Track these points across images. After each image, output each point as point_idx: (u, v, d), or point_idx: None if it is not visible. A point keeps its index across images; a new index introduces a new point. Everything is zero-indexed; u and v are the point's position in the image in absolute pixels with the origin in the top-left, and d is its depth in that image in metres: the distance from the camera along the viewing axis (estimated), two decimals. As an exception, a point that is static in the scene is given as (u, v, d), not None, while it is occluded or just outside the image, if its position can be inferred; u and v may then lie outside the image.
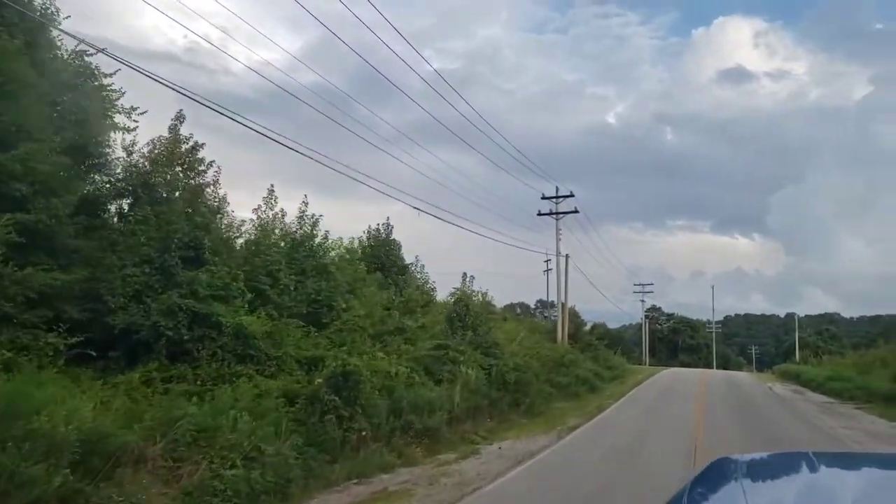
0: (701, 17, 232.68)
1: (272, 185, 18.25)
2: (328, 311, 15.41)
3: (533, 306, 75.63)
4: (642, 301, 75.03)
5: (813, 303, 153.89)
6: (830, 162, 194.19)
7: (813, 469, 2.19)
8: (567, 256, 37.09)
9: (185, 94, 11.78)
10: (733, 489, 1.99)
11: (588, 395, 25.43)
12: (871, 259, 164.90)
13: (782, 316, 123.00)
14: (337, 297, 15.62)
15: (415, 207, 19.13)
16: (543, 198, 36.62)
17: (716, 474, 2.21)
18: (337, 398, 11.63)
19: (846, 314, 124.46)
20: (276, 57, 57.84)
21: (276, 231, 16.48)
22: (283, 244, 16.13)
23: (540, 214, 36.87)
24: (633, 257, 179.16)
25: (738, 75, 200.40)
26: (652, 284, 77.13)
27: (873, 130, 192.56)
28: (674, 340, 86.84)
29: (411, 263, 29.74)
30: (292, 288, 15.27)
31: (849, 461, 2.74)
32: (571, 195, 36.51)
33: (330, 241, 18.09)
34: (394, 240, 28.64)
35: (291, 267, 15.77)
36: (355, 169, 19.22)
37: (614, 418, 19.19)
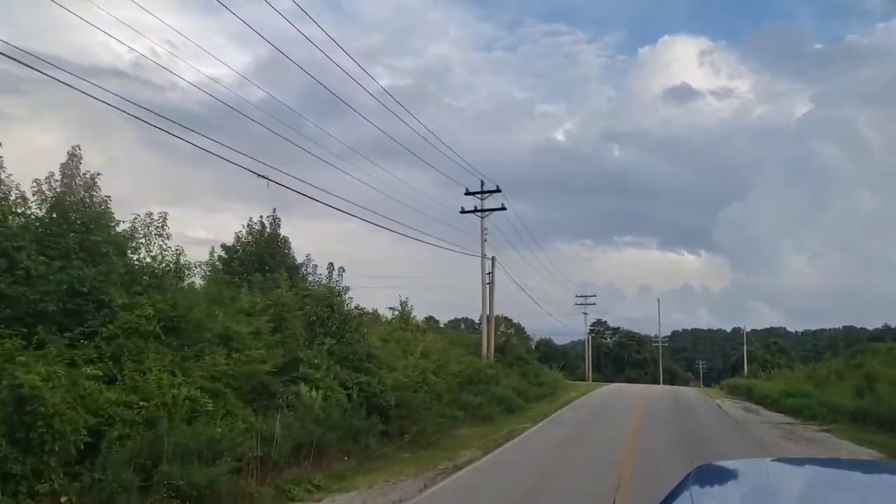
0: (647, 36, 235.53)
1: (73, 147, 13.47)
2: (97, 310, 10.65)
3: (478, 322, 71.87)
4: (585, 314, 71.58)
5: (759, 317, 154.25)
6: (773, 179, 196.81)
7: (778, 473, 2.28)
8: (494, 259, 32.88)
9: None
10: (683, 500, 1.92)
11: (504, 417, 21.03)
12: (813, 274, 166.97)
13: (729, 331, 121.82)
14: (111, 288, 10.85)
15: (261, 175, 14.45)
16: (467, 193, 32.44)
17: (682, 487, 2.07)
18: (2, 441, 6.93)
19: (791, 328, 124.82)
20: (225, 73, 53.37)
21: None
22: (35, 211, 11.33)
23: (464, 212, 32.73)
24: (583, 274, 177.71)
25: (683, 93, 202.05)
26: (594, 296, 73.62)
27: (813, 148, 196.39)
28: (620, 355, 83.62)
29: (302, 264, 25.27)
30: (45, 275, 10.49)
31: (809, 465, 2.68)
32: (498, 190, 32.43)
33: (133, 216, 13.07)
34: (280, 236, 24.14)
35: (51, 247, 11.00)
36: (309, 183, 15.76)
37: (521, 451, 14.79)
